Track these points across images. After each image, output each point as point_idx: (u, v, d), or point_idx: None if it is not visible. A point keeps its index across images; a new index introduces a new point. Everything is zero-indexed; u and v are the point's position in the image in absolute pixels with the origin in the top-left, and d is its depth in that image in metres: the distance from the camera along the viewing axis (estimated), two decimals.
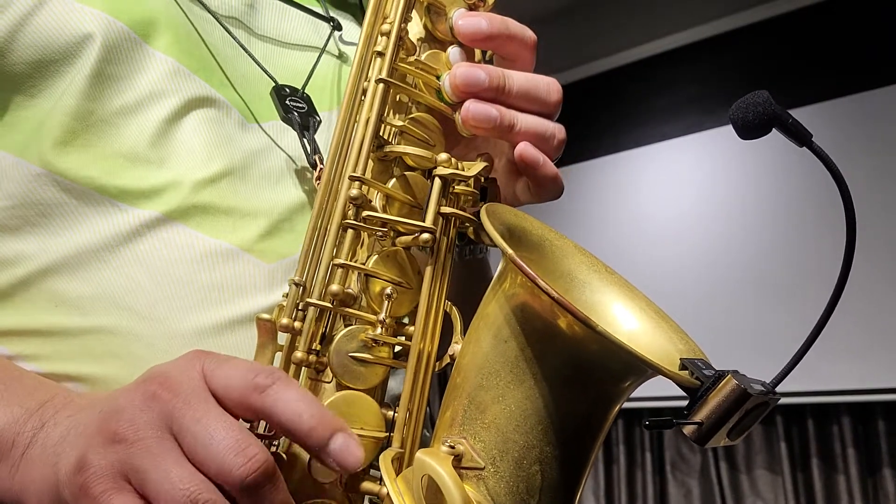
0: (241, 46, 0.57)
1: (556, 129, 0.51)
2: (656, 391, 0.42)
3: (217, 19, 0.56)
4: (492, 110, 0.48)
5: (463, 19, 0.49)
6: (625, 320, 0.46)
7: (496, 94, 0.48)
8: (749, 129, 0.40)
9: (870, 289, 2.43)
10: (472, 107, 0.47)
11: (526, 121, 0.49)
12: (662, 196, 3.15)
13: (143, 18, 0.51)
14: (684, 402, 0.38)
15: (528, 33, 0.51)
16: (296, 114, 0.56)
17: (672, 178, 3.14)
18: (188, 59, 0.53)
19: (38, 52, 0.48)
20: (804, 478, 2.60)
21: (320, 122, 0.58)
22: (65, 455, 0.37)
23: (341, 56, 0.67)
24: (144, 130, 0.50)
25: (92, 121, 0.48)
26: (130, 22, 0.50)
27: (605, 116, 3.40)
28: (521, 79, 0.49)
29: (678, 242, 3.01)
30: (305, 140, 0.56)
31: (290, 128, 0.57)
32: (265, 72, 0.57)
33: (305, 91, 0.59)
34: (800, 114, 2.75)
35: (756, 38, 3.08)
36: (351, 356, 0.44)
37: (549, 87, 0.50)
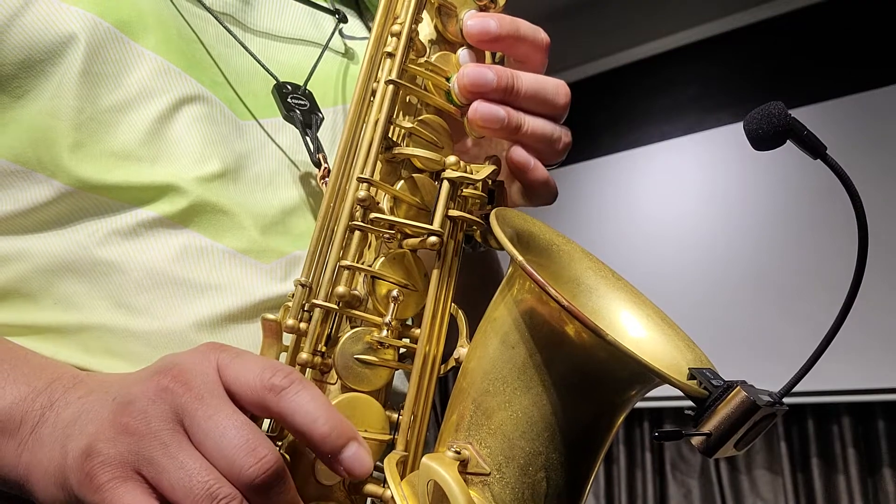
0: (240, 43, 0.56)
1: (563, 132, 0.50)
2: (657, 392, 0.42)
3: (213, 15, 0.56)
4: (499, 111, 0.47)
5: (472, 20, 0.49)
6: (631, 327, 0.46)
7: (504, 95, 0.48)
8: (763, 141, 0.40)
9: (870, 289, 2.42)
10: (480, 107, 0.47)
11: (533, 123, 0.49)
12: (662, 196, 3.14)
13: (130, 17, 0.50)
14: (685, 403, 0.38)
15: (541, 35, 0.50)
16: (297, 112, 0.56)
17: (672, 178, 3.14)
18: (178, 56, 0.52)
19: (24, 52, 0.47)
20: (804, 478, 2.59)
21: (323, 118, 0.58)
22: (74, 438, 0.37)
23: (346, 51, 0.66)
24: (136, 129, 0.49)
25: (82, 120, 0.48)
26: (117, 21, 0.50)
27: (605, 116, 3.40)
28: (529, 80, 0.49)
29: (678, 242, 3.00)
30: (308, 138, 0.55)
31: (291, 125, 0.56)
32: (265, 68, 0.56)
33: (307, 87, 0.58)
34: (800, 113, 2.75)
35: (756, 38, 3.08)
36: (356, 358, 0.43)
37: (557, 89, 0.50)
